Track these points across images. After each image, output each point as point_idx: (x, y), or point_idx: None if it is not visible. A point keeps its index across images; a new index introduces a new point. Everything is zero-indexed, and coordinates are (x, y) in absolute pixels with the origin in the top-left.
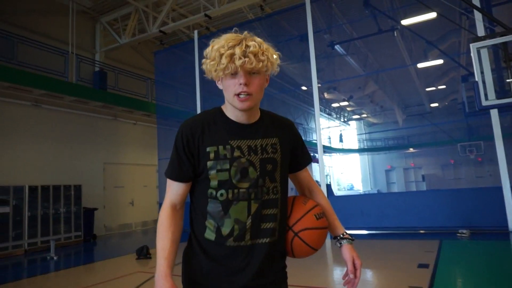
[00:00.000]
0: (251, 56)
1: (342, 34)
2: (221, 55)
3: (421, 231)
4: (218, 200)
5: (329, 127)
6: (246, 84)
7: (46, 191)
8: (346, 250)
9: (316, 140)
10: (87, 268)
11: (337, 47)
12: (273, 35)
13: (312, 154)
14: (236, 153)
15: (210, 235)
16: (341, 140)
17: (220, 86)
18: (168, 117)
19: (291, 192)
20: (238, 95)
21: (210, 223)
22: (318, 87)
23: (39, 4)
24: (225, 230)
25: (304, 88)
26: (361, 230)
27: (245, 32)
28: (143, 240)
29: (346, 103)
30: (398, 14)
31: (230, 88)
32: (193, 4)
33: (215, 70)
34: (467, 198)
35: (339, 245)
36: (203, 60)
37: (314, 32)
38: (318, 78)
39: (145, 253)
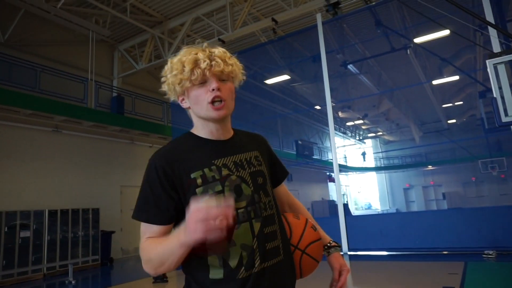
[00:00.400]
0: (217, 59)
1: (354, 53)
2: (183, 63)
3: (444, 252)
4: None
5: (344, 146)
6: (218, 89)
7: (65, 215)
8: (335, 258)
9: (331, 159)
10: None
11: (350, 66)
12: (286, 57)
13: (328, 173)
14: (225, 172)
15: (217, 274)
16: (364, 159)
17: (184, 104)
18: None
19: None
20: (212, 103)
21: (213, 260)
22: (332, 106)
23: (61, 35)
24: (233, 262)
25: (318, 107)
26: (380, 251)
27: (205, 43)
28: None
29: (361, 121)
30: (411, 32)
31: (201, 97)
32: (207, 30)
33: (179, 82)
34: (492, 217)
35: (327, 254)
36: (162, 79)
37: (326, 53)
38: (332, 97)
39: (161, 276)
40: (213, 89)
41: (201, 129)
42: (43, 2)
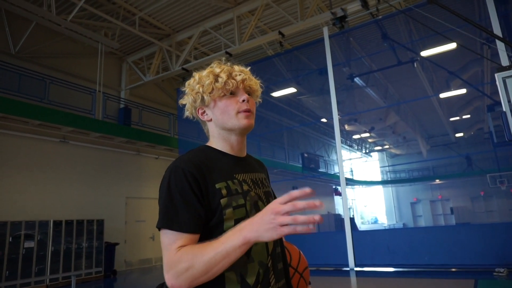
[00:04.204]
0: (248, 75)
1: (361, 66)
2: (216, 75)
3: (453, 269)
4: None
5: (350, 159)
6: (248, 101)
7: (70, 226)
8: None
9: (338, 173)
10: None
11: (356, 79)
12: (293, 70)
13: (334, 187)
14: (245, 187)
15: None
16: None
17: (205, 117)
18: None
19: None
20: (241, 112)
21: (231, 276)
22: (339, 119)
23: (70, 47)
24: (251, 279)
25: (324, 120)
26: (388, 267)
27: (229, 63)
28: (163, 277)
29: (367, 134)
30: (417, 46)
31: (231, 106)
32: (214, 43)
33: (211, 90)
34: (503, 234)
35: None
36: (187, 92)
37: (333, 66)
38: (338, 110)
39: None
40: (243, 100)
41: (220, 143)
42: (54, 15)
